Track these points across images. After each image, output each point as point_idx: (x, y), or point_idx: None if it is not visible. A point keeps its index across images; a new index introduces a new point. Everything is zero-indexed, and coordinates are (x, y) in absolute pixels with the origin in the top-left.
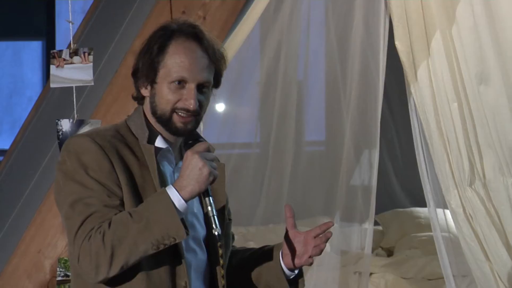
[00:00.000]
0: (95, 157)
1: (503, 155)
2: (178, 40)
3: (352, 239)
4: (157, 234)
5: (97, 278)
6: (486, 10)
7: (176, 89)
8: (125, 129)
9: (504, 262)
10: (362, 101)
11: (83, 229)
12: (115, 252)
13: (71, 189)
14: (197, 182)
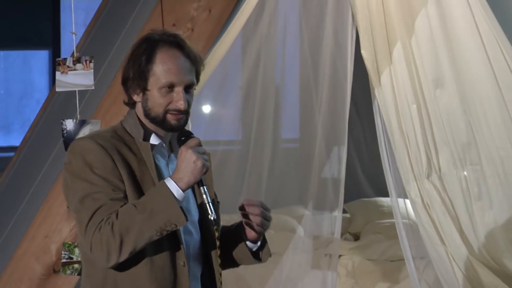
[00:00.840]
0: (98, 156)
1: (456, 151)
2: (163, 49)
3: (323, 225)
4: (160, 222)
5: (108, 264)
6: (441, 23)
7: (166, 93)
8: (121, 130)
9: (457, 245)
10: (332, 103)
11: (93, 221)
12: (124, 240)
13: (79, 186)
14: (192, 174)
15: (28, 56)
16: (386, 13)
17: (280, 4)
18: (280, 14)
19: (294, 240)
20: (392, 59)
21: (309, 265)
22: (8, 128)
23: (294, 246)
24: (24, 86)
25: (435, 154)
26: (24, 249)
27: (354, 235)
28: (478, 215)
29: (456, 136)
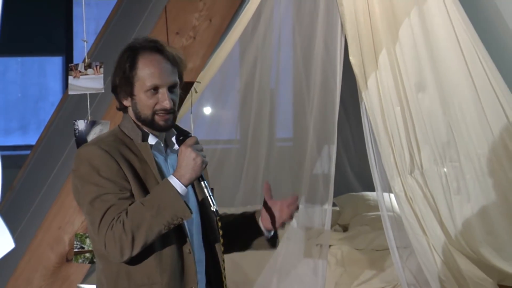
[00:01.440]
0: (104, 160)
1: (437, 149)
2: (144, 55)
3: (314, 218)
4: (167, 217)
5: (122, 259)
6: (423, 32)
7: (151, 95)
8: (121, 133)
9: (438, 236)
10: (323, 105)
11: (105, 221)
12: (135, 236)
13: (89, 190)
14: (193, 170)
15: (43, 62)
16: (372, 22)
17: (275, 15)
18: (274, 24)
19: (288, 231)
20: (378, 64)
21: (301, 254)
22: (25, 128)
23: (288, 237)
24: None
25: (417, 152)
26: (40, 239)
27: (343, 227)
28: (457, 208)
29: (437, 135)
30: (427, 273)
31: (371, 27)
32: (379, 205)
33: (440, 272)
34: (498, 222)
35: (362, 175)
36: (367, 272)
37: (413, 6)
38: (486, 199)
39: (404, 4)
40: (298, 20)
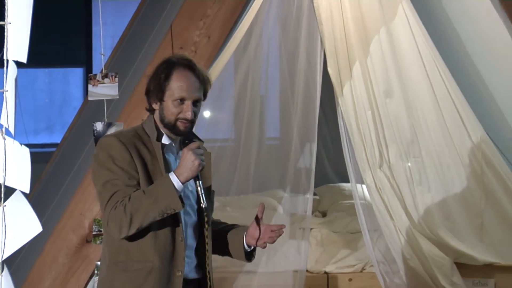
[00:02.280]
0: (119, 151)
1: (402, 147)
2: (178, 70)
3: (298, 205)
4: (162, 206)
5: (120, 236)
6: (391, 47)
7: (178, 104)
8: (141, 130)
9: (403, 220)
10: (305, 109)
11: (111, 202)
12: (133, 218)
13: (103, 174)
14: (191, 170)
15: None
16: (347, 39)
17: (264, 33)
18: (264, 40)
19: (275, 216)
20: (352, 75)
21: (287, 236)
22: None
23: (275, 222)
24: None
25: (385, 149)
26: (63, 224)
27: (322, 213)
28: (419, 197)
29: (402, 135)
30: (393, 252)
31: (346, 43)
32: (353, 194)
33: (404, 251)
34: (454, 209)
35: (338, 169)
36: (342, 251)
37: (382, 25)
38: (443, 189)
39: (374, 23)
40: (284, 37)
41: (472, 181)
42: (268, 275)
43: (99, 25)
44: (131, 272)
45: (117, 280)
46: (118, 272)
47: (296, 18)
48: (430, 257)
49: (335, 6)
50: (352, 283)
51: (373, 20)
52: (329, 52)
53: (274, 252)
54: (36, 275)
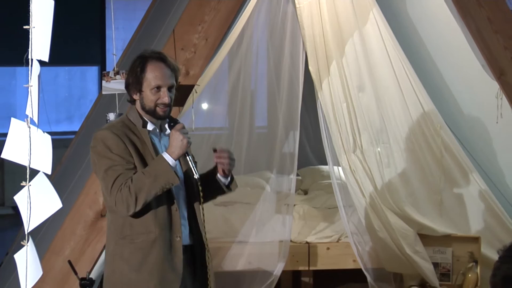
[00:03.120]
0: (114, 141)
1: (372, 134)
2: (151, 62)
3: (283, 184)
4: (162, 183)
5: (128, 214)
6: (363, 48)
7: (155, 92)
8: (127, 120)
9: (373, 198)
10: (289, 101)
11: (115, 185)
12: (138, 197)
13: (104, 162)
14: (180, 148)
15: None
16: (326, 41)
17: (254, 36)
18: (254, 42)
19: (264, 194)
20: (329, 72)
21: (273, 211)
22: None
23: (264, 199)
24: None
25: (358, 136)
26: (81, 201)
27: (304, 191)
28: (387, 177)
29: (373, 124)
30: (365, 224)
31: (324, 45)
32: (330, 175)
33: (374, 224)
34: (417, 187)
35: (318, 153)
36: (321, 224)
37: (355, 29)
38: (408, 170)
39: (348, 28)
40: (271, 40)
41: (433, 164)
42: (257, 244)
43: (111, 29)
44: (137, 243)
45: (126, 251)
46: (126, 244)
47: (281, 23)
48: (397, 229)
49: (315, 13)
50: (329, 251)
51: (347, 25)
52: (310, 52)
53: (262, 225)
54: (57, 245)
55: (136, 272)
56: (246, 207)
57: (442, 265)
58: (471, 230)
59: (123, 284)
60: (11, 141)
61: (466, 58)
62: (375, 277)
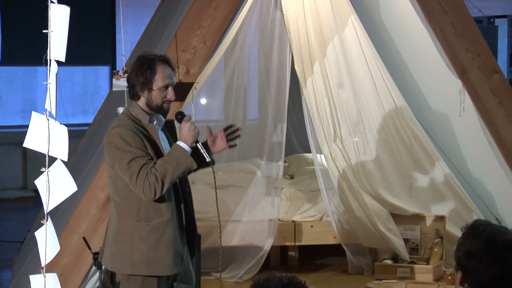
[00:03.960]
0: (131, 136)
1: (351, 126)
2: (159, 64)
3: (272, 170)
4: (183, 168)
5: (155, 197)
6: (342, 50)
7: (163, 91)
8: (132, 116)
9: (351, 181)
10: (277, 97)
11: (141, 174)
12: (164, 182)
13: (125, 156)
14: (192, 136)
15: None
16: (310, 44)
17: (246, 39)
18: (246, 45)
19: (255, 179)
20: (313, 71)
21: (263, 194)
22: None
23: (255, 183)
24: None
25: (338, 128)
26: (94, 184)
27: (291, 176)
28: (364, 164)
29: (351, 117)
30: (344, 205)
31: (308, 47)
32: (314, 161)
33: (352, 205)
34: (389, 173)
35: (302, 143)
36: (306, 205)
37: (336, 33)
38: (382, 157)
39: (329, 32)
40: (261, 42)
41: (403, 152)
42: (249, 223)
43: (121, 33)
44: (152, 224)
45: (143, 231)
46: (142, 225)
47: (270, 28)
48: (372, 209)
49: (300, 19)
50: (313, 229)
51: (328, 30)
52: (296, 54)
53: (254, 205)
54: (73, 224)
55: (154, 250)
56: (239, 190)
57: (411, 241)
58: (437, 210)
59: (142, 261)
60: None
61: (433, 59)
62: (353, 251)
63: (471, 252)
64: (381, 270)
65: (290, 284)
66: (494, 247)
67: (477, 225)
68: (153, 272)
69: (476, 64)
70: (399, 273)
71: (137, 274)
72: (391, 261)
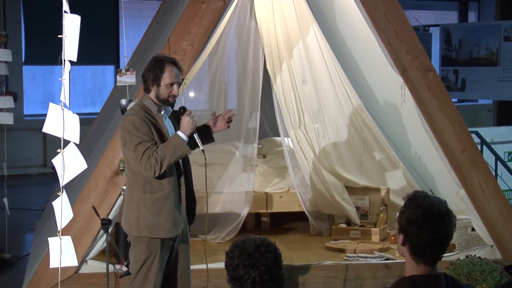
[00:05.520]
0: (141, 123)
1: (312, 115)
2: (168, 65)
3: (248, 151)
4: (179, 153)
5: (154, 175)
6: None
7: (169, 87)
8: (144, 106)
9: (312, 160)
10: (252, 90)
11: (145, 155)
12: (163, 163)
13: (134, 139)
14: (190, 128)
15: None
16: (279, 47)
17: (227, 43)
18: (227, 48)
19: (234, 158)
20: (281, 70)
21: (241, 170)
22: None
23: (234, 161)
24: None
25: (302, 116)
26: (101, 163)
27: (263, 155)
28: (323, 146)
29: (312, 107)
30: (307, 179)
31: (278, 50)
32: (282, 144)
33: (313, 179)
34: (344, 152)
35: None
36: (276, 179)
37: (300, 38)
38: (338, 140)
39: (295, 38)
40: (239, 46)
41: (355, 135)
42: (229, 194)
43: (123, 38)
44: (156, 196)
45: (148, 201)
46: (147, 196)
47: (247, 34)
48: (329, 182)
49: (271, 27)
50: (281, 199)
51: (294, 35)
52: (267, 55)
53: (233, 180)
54: (84, 195)
55: (156, 217)
56: (221, 167)
57: (362, 208)
58: (382, 183)
59: (146, 226)
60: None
61: (379, 59)
62: (314, 217)
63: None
64: (337, 233)
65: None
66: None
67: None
68: (155, 235)
69: (414, 64)
70: (351, 234)
71: (142, 235)
72: (345, 225)
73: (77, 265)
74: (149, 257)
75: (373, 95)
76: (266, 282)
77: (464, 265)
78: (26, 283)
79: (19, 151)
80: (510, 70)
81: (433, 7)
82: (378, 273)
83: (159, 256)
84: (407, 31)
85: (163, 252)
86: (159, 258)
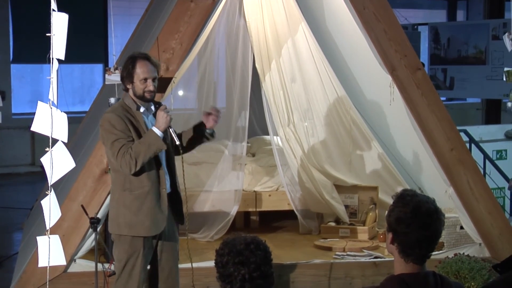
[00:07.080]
0: (118, 121)
1: (302, 113)
2: (139, 60)
3: (237, 149)
4: (154, 149)
5: (130, 173)
6: (295, 51)
7: (143, 82)
8: (124, 105)
9: (301, 158)
10: (241, 89)
11: (120, 153)
12: (137, 160)
13: (111, 137)
14: (165, 123)
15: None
16: (268, 46)
17: (216, 41)
18: (216, 47)
19: (223, 156)
20: (270, 68)
21: (230, 168)
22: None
23: (223, 159)
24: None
25: (291, 115)
26: (90, 161)
27: (252, 154)
28: (312, 144)
29: (301, 105)
30: (296, 178)
31: (267, 49)
32: (271, 142)
33: (302, 177)
34: (333, 151)
35: (262, 127)
36: (265, 178)
37: (289, 37)
38: (327, 139)
39: (284, 36)
40: (228, 45)
41: (344, 134)
42: (219, 193)
43: (112, 37)
44: (135, 194)
45: (127, 199)
46: (127, 195)
47: (236, 33)
48: (319, 181)
49: (260, 25)
50: (271, 197)
51: (283, 34)
52: (256, 54)
53: (223, 178)
54: (73, 194)
55: (135, 215)
56: (210, 166)
57: (351, 207)
58: (372, 181)
59: (125, 224)
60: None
61: (368, 58)
62: (303, 215)
63: (400, 218)
64: (326, 231)
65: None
66: (419, 214)
67: (405, 195)
68: (134, 233)
69: (403, 63)
70: (340, 233)
71: (123, 234)
72: (334, 223)
73: (65, 264)
74: (132, 256)
75: (362, 94)
76: (256, 279)
77: (452, 263)
78: (15, 282)
79: (7, 149)
80: (498, 69)
81: (422, 6)
82: (367, 271)
83: (142, 254)
84: (396, 30)
85: (146, 251)
86: (142, 256)
